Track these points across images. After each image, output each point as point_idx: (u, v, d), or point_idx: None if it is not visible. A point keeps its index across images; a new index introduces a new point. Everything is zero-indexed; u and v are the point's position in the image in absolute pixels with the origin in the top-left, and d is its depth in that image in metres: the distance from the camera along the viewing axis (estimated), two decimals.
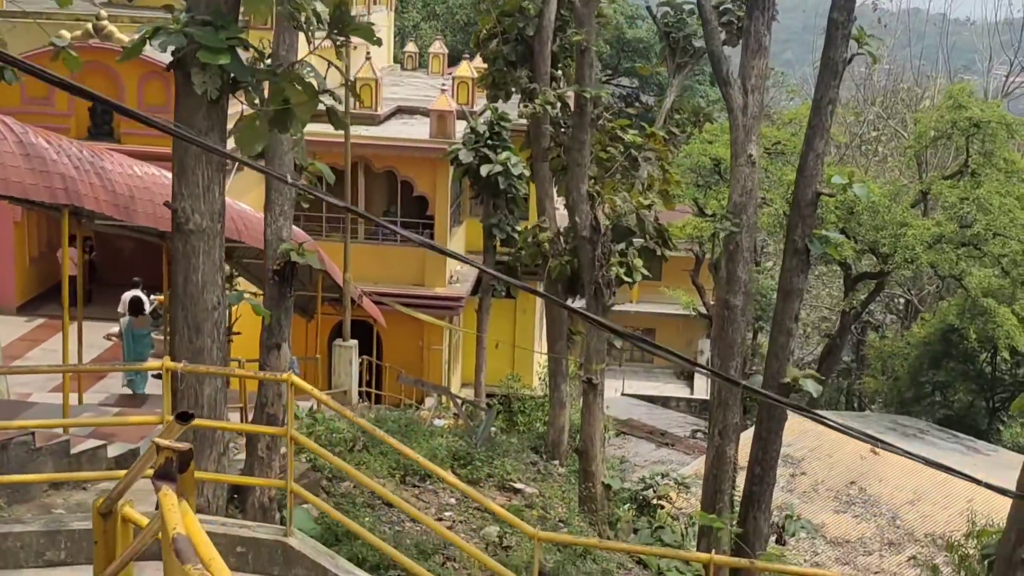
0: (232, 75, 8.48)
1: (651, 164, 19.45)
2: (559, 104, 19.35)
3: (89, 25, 24.41)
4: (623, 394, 44.71)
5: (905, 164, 39.07)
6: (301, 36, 10.04)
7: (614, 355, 47.39)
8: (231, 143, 8.99)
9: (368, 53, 30.77)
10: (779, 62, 78.21)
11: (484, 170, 25.39)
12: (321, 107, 9.00)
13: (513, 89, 21.41)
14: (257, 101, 8.72)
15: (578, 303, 19.72)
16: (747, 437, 16.71)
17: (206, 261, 9.01)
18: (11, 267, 25.08)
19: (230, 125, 8.98)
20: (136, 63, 16.93)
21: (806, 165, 15.12)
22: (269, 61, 10.24)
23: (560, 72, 21.07)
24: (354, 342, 22.26)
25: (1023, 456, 22.00)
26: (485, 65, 22.53)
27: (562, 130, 18.59)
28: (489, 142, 25.66)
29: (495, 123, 25.55)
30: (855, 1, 14.94)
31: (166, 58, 8.70)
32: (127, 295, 19.32)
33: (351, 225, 24.58)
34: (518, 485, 16.89)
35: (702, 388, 42.17)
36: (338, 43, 9.11)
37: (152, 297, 19.44)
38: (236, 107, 9.03)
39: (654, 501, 18.65)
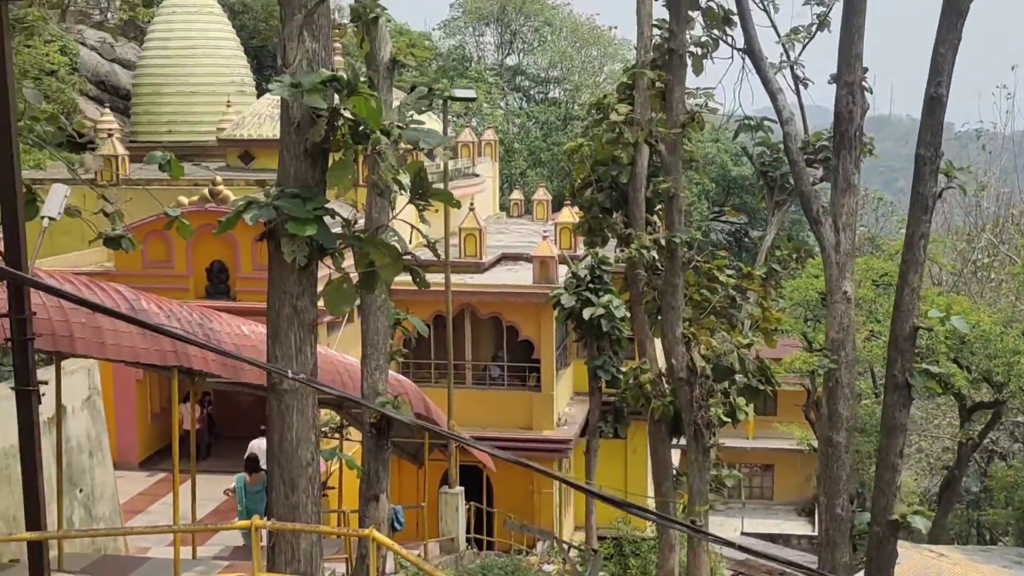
0: (319, 243, 8.97)
1: (750, 303, 19.57)
2: (655, 248, 19.66)
3: (206, 190, 25.69)
4: (743, 533, 43.85)
5: (1019, 290, 38.35)
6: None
7: (733, 493, 46.70)
8: (320, 304, 9.43)
9: (472, 204, 31.68)
10: (891, 191, 77.89)
11: (587, 313, 25.81)
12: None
13: (609, 234, 21.82)
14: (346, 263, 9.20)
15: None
16: None
17: (300, 419, 9.38)
18: (133, 423, 26.05)
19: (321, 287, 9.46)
20: (248, 227, 17.80)
21: (902, 300, 15.05)
22: (362, 223, 10.79)
23: (655, 217, 21.44)
24: (460, 489, 22.45)
25: None
26: (582, 213, 23.05)
27: (656, 273, 18.87)
28: (591, 285, 26.14)
29: (596, 267, 26.04)
30: (941, 136, 15.03)
31: None
32: (255, 442, 19.67)
33: (457, 370, 24.98)
34: None
35: None
36: (420, 207, 9.58)
37: None
38: (325, 270, 9.52)
39: None
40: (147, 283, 22.78)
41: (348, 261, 9.48)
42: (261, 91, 37.38)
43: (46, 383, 10.08)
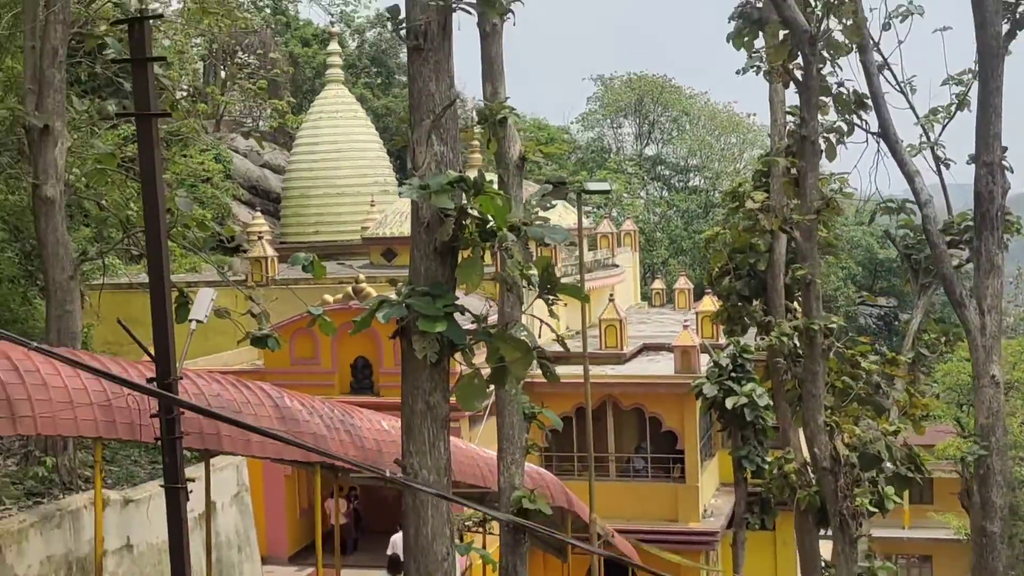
0: (450, 339, 9.17)
1: (896, 389, 19.12)
2: (795, 335, 19.41)
3: (349, 288, 26.38)
4: None
5: None
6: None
7: None
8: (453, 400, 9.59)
9: (612, 295, 31.78)
10: None
11: (729, 403, 25.48)
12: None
13: (749, 322, 21.63)
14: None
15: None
16: None
17: (435, 514, 9.51)
18: (283, 518, 26.56)
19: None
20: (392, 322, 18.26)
21: None
22: (495, 319, 10.97)
23: (795, 304, 21.18)
24: None
25: None
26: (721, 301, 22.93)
27: (796, 361, 18.60)
28: (733, 374, 25.83)
29: (737, 355, 25.76)
30: None
31: None
32: (395, 538, 19.78)
33: (600, 462, 24.87)
34: None
35: None
36: (549, 302, 9.71)
37: None
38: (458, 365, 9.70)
39: None
40: (295, 380, 23.41)
41: (481, 356, 9.66)
42: None
43: (194, 480, 10.43)
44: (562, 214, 32.86)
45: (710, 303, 32.44)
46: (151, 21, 9.78)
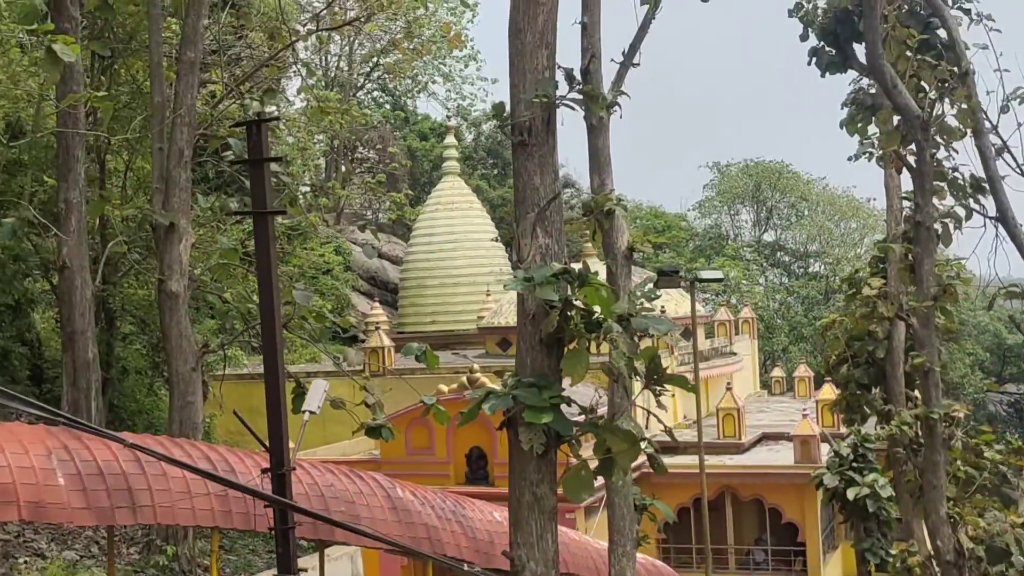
0: (556, 430, 9.20)
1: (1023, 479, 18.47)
2: (915, 424, 18.95)
3: (464, 378, 26.57)
4: None
5: None
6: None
7: None
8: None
9: (729, 383, 31.45)
10: None
11: (851, 493, 24.87)
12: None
13: (868, 411, 21.20)
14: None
15: None
16: None
17: None
18: None
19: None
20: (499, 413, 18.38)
21: None
22: (604, 411, 10.97)
23: (916, 392, 20.70)
24: None
25: None
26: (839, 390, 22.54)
27: (916, 451, 18.13)
28: (854, 464, 25.25)
29: (858, 445, 25.21)
30: None
31: None
32: None
33: (720, 554, 24.43)
34: None
35: None
36: (656, 392, 9.69)
37: None
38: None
39: None
40: (410, 469, 23.59)
41: (589, 447, 9.66)
42: None
43: (306, 571, 10.55)
44: (678, 302, 32.75)
45: (830, 391, 31.88)
46: (268, 124, 10.16)
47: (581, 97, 10.21)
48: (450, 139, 46.04)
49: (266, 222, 10.38)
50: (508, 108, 9.78)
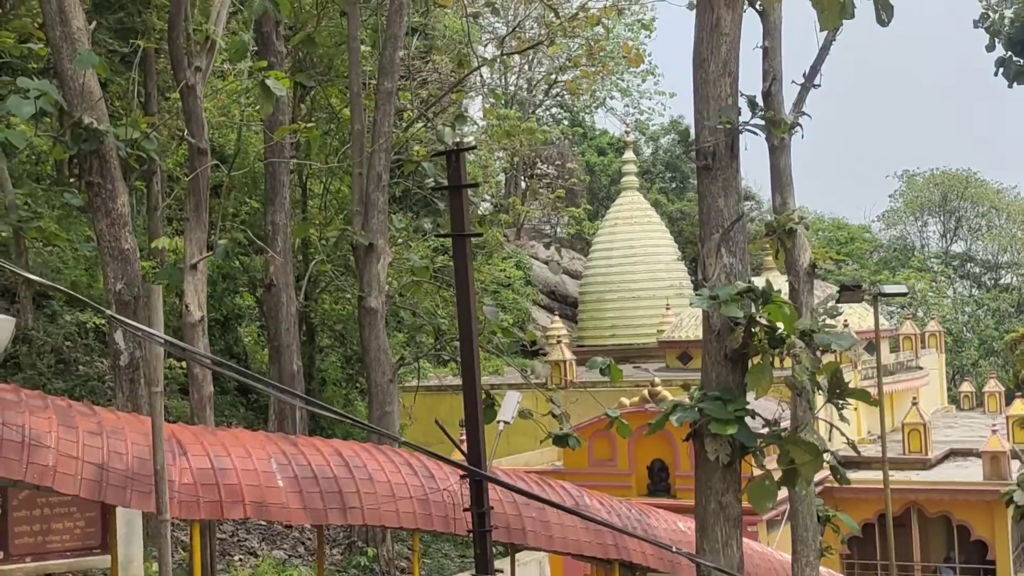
0: (741, 441, 9.63)
1: None
2: None
3: (645, 391, 26.95)
4: None
5: None
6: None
7: None
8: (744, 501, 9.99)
9: (915, 398, 30.98)
10: None
11: None
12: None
13: None
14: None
15: None
16: None
17: None
18: None
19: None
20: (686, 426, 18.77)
21: None
22: (787, 425, 11.32)
23: None
24: None
25: None
26: None
27: None
28: None
29: None
30: None
31: None
32: None
33: (905, 571, 24.15)
34: None
35: None
36: (839, 406, 10.02)
37: None
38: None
39: None
40: (592, 480, 24.07)
41: (772, 459, 10.04)
42: None
43: (501, 571, 11.19)
44: (862, 315, 32.43)
45: (1021, 407, 31.12)
46: (465, 152, 10.90)
47: (763, 122, 10.60)
48: (628, 154, 46.45)
49: (464, 244, 11.11)
50: (692, 133, 10.26)
